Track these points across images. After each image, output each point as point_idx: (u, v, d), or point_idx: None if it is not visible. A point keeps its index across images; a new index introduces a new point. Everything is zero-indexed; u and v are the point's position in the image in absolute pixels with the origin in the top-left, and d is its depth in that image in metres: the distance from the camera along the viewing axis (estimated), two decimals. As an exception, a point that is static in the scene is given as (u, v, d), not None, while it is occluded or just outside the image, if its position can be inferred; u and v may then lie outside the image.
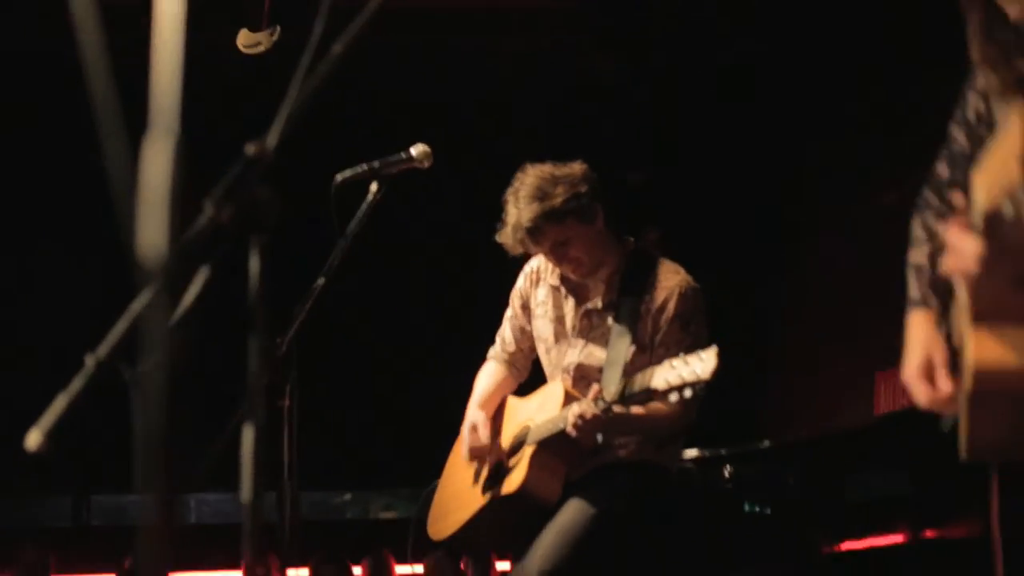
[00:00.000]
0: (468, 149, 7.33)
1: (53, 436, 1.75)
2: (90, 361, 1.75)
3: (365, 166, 3.52)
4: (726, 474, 5.47)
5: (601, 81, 8.27)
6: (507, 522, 4.15)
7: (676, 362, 3.58)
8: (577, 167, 4.10)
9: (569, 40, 8.09)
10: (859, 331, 6.78)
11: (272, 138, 1.83)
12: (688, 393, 3.55)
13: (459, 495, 4.34)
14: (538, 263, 4.32)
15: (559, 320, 4.24)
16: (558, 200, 3.99)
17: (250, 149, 1.79)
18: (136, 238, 1.03)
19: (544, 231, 4.01)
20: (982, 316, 2.32)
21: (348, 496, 11.10)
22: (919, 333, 2.61)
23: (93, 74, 1.02)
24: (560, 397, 4.04)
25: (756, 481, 5.58)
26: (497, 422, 4.32)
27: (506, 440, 4.23)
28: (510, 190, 4.08)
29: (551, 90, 8.31)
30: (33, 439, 1.75)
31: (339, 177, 3.51)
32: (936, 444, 2.54)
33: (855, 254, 7.06)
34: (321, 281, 3.36)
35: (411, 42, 7.66)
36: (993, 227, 2.15)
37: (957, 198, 2.25)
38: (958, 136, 2.65)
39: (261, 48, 5.89)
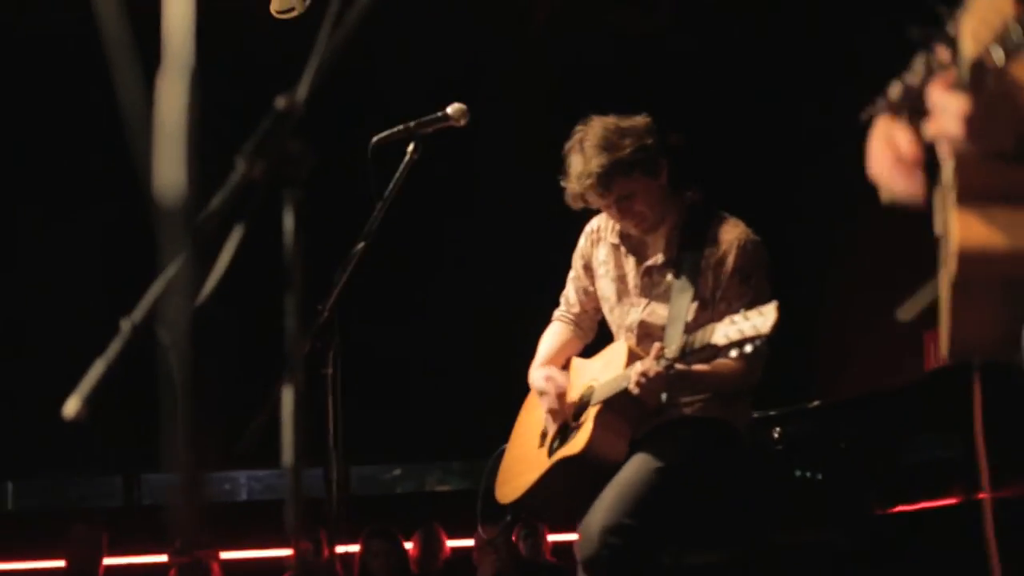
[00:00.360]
0: (504, 108, 7.25)
1: (91, 403, 1.72)
2: (126, 325, 1.72)
3: (401, 126, 3.49)
4: (775, 436, 5.41)
5: (641, 35, 8.19)
6: (573, 484, 4.11)
7: (736, 317, 3.53)
8: (641, 120, 4.06)
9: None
10: (908, 291, 6.69)
11: (302, 91, 1.79)
12: (749, 348, 3.51)
13: (526, 458, 4.32)
14: (598, 223, 4.29)
15: (621, 279, 4.20)
16: (626, 151, 3.94)
17: (280, 103, 1.75)
18: (153, 177, 0.98)
19: (611, 182, 3.96)
20: (968, 195, 2.16)
21: (398, 471, 11.10)
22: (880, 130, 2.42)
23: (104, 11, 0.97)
24: (624, 356, 4.00)
25: (806, 443, 5.52)
26: None
27: (571, 400, 4.20)
28: (573, 140, 4.04)
29: (588, 47, 8.23)
30: (71, 406, 1.72)
31: (375, 138, 3.48)
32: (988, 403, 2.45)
33: (902, 214, 6.97)
34: (361, 245, 3.33)
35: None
36: (980, 79, 1.97)
37: (941, 52, 2.07)
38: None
39: (295, 13, 5.86)
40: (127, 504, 9.00)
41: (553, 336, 4.41)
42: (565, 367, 4.36)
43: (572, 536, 4.33)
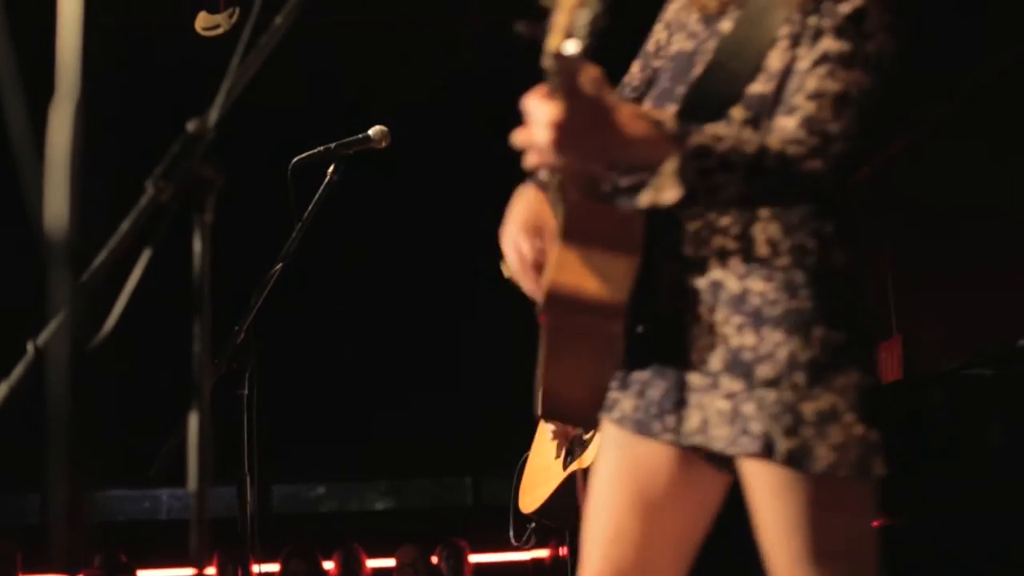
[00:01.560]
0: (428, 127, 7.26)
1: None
2: (30, 348, 1.70)
3: (321, 148, 3.48)
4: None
5: None
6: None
7: None
8: None
9: None
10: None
11: (213, 115, 1.78)
12: None
13: (545, 467, 4.35)
14: None
15: None
16: None
17: (191, 126, 1.74)
18: (43, 207, 0.97)
19: None
20: (573, 235, 2.09)
21: (322, 489, 11.05)
22: (528, 196, 2.41)
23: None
24: None
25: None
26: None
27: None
28: None
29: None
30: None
31: (295, 159, 3.47)
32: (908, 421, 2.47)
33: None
34: (279, 267, 3.32)
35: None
36: (569, 83, 1.88)
37: (546, 58, 1.89)
38: (633, 66, 2.52)
39: (220, 30, 5.84)
40: (43, 521, 8.89)
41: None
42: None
43: (495, 557, 4.35)
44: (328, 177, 3.45)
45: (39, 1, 2.43)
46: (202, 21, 6.08)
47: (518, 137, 2.00)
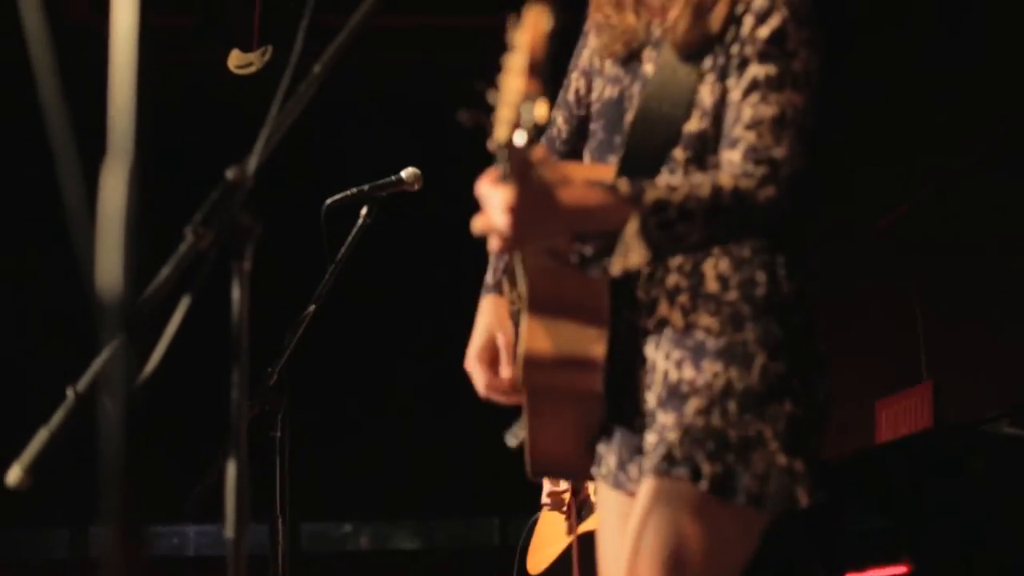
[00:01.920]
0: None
1: (34, 471, 1.71)
2: (71, 394, 1.72)
3: (354, 189, 3.49)
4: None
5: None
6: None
7: None
8: None
9: None
10: (859, 358, 6.73)
11: (252, 163, 1.80)
12: None
13: (554, 528, 4.33)
14: None
15: None
16: None
17: (230, 174, 1.76)
18: (95, 267, 0.99)
19: None
20: (537, 303, 2.15)
21: (349, 528, 11.03)
22: (486, 317, 2.47)
23: (47, 96, 0.98)
24: None
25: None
26: None
27: None
28: None
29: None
30: (14, 475, 1.72)
31: (328, 201, 3.49)
32: (937, 472, 2.47)
33: (851, 279, 7.02)
34: (312, 308, 3.33)
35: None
36: (520, 168, 1.93)
37: (491, 144, 1.97)
38: (556, 117, 2.53)
39: (252, 68, 5.87)
40: (72, 556, 8.90)
41: None
42: None
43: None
44: (361, 220, 3.46)
45: (93, 63, 2.46)
46: (235, 59, 6.12)
47: (477, 224, 2.03)
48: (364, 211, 3.47)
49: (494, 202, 1.98)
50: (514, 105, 1.85)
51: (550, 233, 2.05)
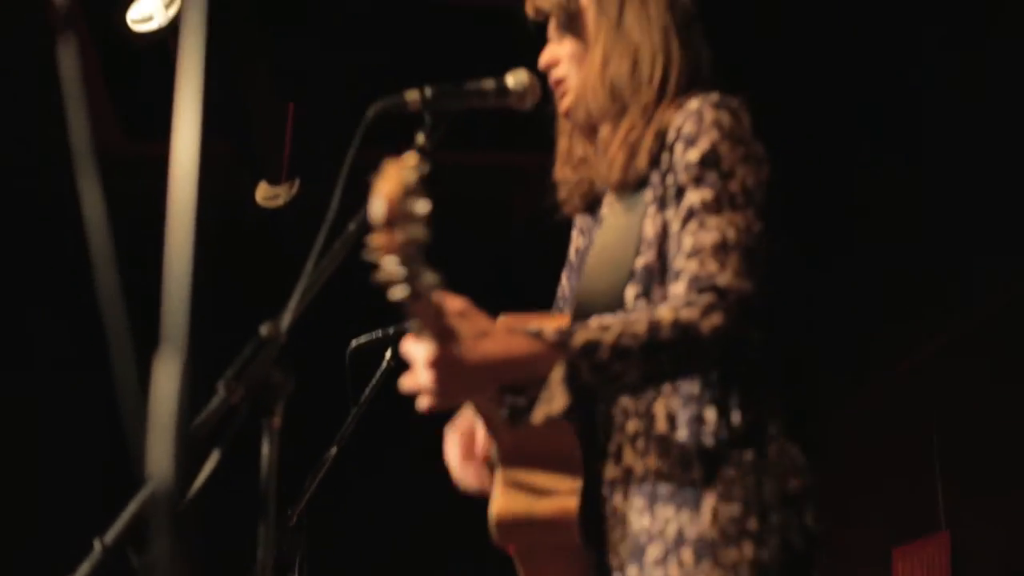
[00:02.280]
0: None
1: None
2: (97, 546, 1.73)
3: (380, 332, 3.48)
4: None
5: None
6: None
7: None
8: None
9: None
10: (874, 504, 6.68)
11: (286, 319, 1.82)
12: None
13: None
14: None
15: None
16: None
17: (264, 330, 1.78)
18: (143, 452, 1.00)
19: None
20: (508, 458, 2.12)
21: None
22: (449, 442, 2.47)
23: (103, 285, 1.00)
24: None
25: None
26: None
27: None
28: None
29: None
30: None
31: (353, 343, 3.47)
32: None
33: (870, 424, 7.00)
34: (333, 451, 3.32)
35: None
36: (439, 329, 1.86)
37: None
38: (562, 278, 2.52)
39: (280, 201, 5.89)
40: None
41: None
42: None
43: None
44: (385, 363, 3.44)
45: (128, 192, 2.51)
46: (263, 192, 6.16)
47: (404, 383, 1.98)
48: (388, 355, 3.46)
49: (418, 359, 1.92)
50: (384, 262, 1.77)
51: (475, 387, 1.98)
